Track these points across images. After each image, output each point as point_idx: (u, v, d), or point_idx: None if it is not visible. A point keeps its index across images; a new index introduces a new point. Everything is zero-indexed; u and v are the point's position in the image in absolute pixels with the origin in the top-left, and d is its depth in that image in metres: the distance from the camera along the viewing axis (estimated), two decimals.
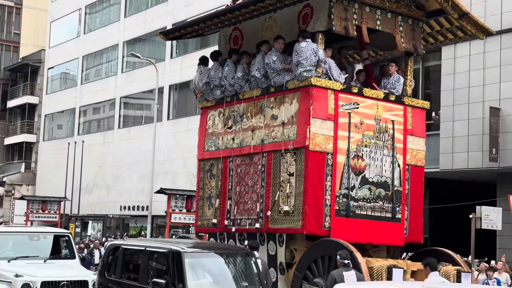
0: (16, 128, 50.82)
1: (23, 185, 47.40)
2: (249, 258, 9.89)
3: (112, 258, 10.48)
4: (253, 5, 10.70)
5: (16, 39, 52.79)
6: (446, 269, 9.85)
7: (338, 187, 10.06)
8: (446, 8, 10.61)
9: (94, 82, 42.77)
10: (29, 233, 13.64)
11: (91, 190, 40.20)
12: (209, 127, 11.82)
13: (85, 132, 43.11)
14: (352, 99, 10.22)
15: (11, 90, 51.52)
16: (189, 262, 9.13)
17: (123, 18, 40.44)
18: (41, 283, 11.65)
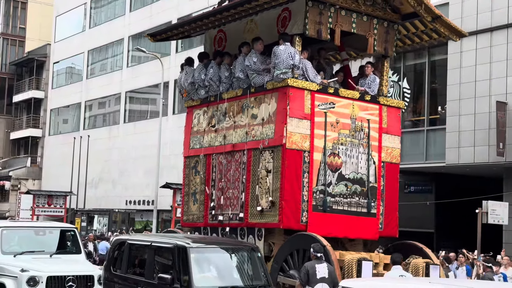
0: (22, 123, 50.91)
1: (29, 180, 47.52)
2: (254, 253, 9.90)
3: (118, 253, 10.51)
4: (233, 9, 11.11)
5: (21, 33, 52.82)
6: (416, 261, 10.27)
7: (315, 184, 10.48)
8: (420, 11, 10.97)
9: (99, 76, 42.79)
10: (35, 228, 13.66)
11: (97, 185, 40.26)
12: (194, 126, 12.26)
13: (91, 126, 43.16)
14: (328, 99, 10.65)
15: (17, 85, 51.59)
16: (194, 257, 9.16)
17: (128, 13, 40.40)
18: (47, 278, 11.69)
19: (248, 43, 11.30)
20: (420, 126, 23.84)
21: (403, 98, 24.06)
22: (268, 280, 9.70)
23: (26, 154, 50.30)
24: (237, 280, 9.46)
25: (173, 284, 9.00)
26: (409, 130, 24.13)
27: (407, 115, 24.41)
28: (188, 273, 8.99)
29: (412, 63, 24.69)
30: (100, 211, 40.48)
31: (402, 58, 24.39)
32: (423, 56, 24.01)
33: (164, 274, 9.16)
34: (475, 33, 21.53)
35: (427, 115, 23.44)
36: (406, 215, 26.16)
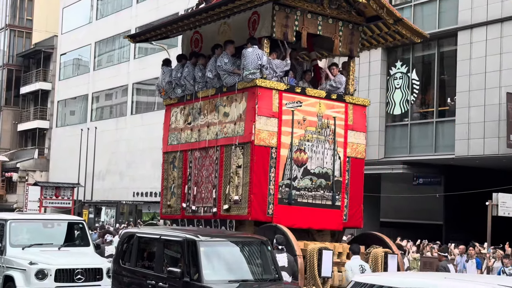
0: (29, 115, 50.98)
1: (37, 171, 47.61)
2: (264, 246, 9.83)
3: (127, 246, 10.44)
4: (206, 12, 11.72)
5: (28, 25, 52.81)
6: (376, 251, 10.83)
7: (281, 178, 11.03)
8: (382, 15, 11.58)
9: (106, 68, 42.75)
10: (43, 221, 13.62)
11: (104, 176, 40.29)
12: (172, 123, 12.78)
13: (98, 118, 43.16)
14: (296, 98, 11.17)
15: (24, 77, 51.63)
16: (204, 251, 9.09)
17: (135, 4, 40.30)
18: (56, 271, 11.66)
19: (220, 45, 11.79)
20: (429, 117, 23.71)
21: (412, 89, 23.93)
22: (278, 273, 9.64)
23: (34, 145, 50.40)
24: (247, 274, 9.39)
25: (182, 277, 8.94)
26: (418, 122, 24.02)
27: (416, 106, 24.29)
28: (198, 266, 8.93)
29: (421, 54, 24.54)
30: (107, 203, 40.53)
31: (411, 49, 24.23)
32: (432, 47, 23.85)
33: (173, 267, 9.10)
34: (485, 23, 21.36)
35: (436, 106, 23.31)
36: (415, 207, 26.19)
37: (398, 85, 24.33)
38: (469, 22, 21.78)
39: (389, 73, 24.61)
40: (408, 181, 24.97)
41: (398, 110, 24.32)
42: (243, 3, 10.95)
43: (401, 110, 24.26)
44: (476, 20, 21.64)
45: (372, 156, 24.46)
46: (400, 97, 24.20)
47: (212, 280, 8.82)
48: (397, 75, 24.36)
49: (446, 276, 5.76)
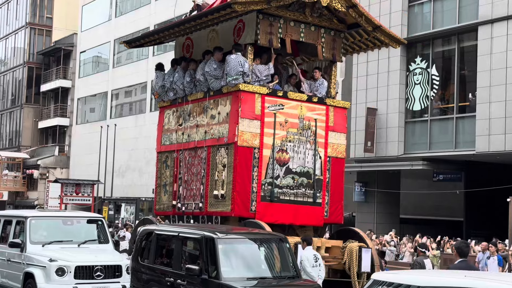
0: (49, 112, 51.33)
1: (57, 168, 47.96)
2: (282, 243, 9.80)
3: (145, 243, 10.46)
4: (194, 21, 12.44)
5: (48, 23, 53.15)
6: (351, 245, 11.45)
7: (264, 177, 11.58)
8: (361, 22, 12.22)
9: (125, 65, 42.93)
10: (63, 218, 13.68)
11: (124, 173, 40.49)
12: (165, 124, 13.43)
13: (117, 115, 43.36)
14: (278, 101, 11.76)
15: (44, 74, 51.99)
16: (222, 248, 9.08)
17: (154, 1, 40.41)
18: (75, 268, 11.71)
19: (209, 51, 12.43)
20: (449, 113, 23.52)
21: (432, 85, 23.75)
22: (296, 271, 9.61)
23: (54, 143, 50.75)
24: (265, 271, 9.37)
25: (200, 275, 8.94)
26: (437, 117, 23.83)
27: (436, 102, 24.10)
28: (216, 264, 8.92)
29: (441, 50, 24.35)
30: (127, 199, 40.74)
31: (430, 44, 24.05)
32: (452, 42, 23.65)
33: (191, 265, 9.10)
34: (506, 18, 21.13)
35: (456, 102, 23.11)
36: (435, 204, 26.04)
37: (417, 80, 24.15)
38: (489, 16, 21.54)
39: (408, 68, 24.44)
40: (428, 178, 24.81)
41: (418, 106, 24.15)
42: (228, 13, 11.54)
43: (420, 106, 24.09)
44: (496, 14, 21.40)
45: (391, 152, 24.33)
46: (420, 93, 24.02)
47: (230, 278, 8.81)
48: (417, 71, 24.18)
49: (466, 274, 5.69)
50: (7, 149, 52.90)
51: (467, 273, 5.81)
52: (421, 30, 24.14)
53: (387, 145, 24.50)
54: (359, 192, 26.00)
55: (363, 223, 25.64)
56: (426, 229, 22.77)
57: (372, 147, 24.77)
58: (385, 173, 25.34)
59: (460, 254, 8.22)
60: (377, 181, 25.65)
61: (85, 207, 32.63)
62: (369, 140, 24.75)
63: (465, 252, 8.27)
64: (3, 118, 55.73)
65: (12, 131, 54.18)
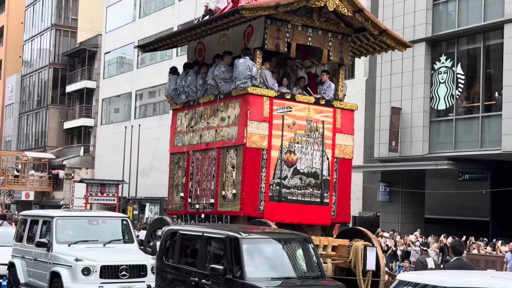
0: (74, 113, 51.78)
1: (82, 168, 48.36)
2: (307, 243, 9.79)
3: (170, 243, 10.51)
4: (205, 26, 12.85)
5: (73, 24, 53.62)
6: (356, 244, 11.68)
7: (272, 177, 11.86)
8: (367, 26, 12.44)
9: (149, 66, 43.15)
10: (88, 217, 13.79)
11: (148, 173, 40.70)
12: (178, 126, 13.75)
13: (141, 115, 43.60)
14: (286, 103, 12.03)
15: (70, 75, 52.46)
16: (246, 248, 9.10)
17: (178, 2, 40.57)
18: (101, 267, 11.80)
19: (219, 55, 12.71)
20: (475, 112, 23.28)
21: (457, 84, 23.54)
22: (321, 271, 9.59)
23: (79, 143, 51.19)
24: (289, 271, 9.37)
25: (225, 274, 8.96)
26: (463, 117, 23.62)
27: (461, 101, 23.88)
28: (240, 263, 8.94)
29: (466, 48, 24.11)
30: (151, 199, 40.95)
31: (456, 43, 23.84)
32: (478, 40, 23.41)
33: (216, 264, 9.13)
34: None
35: (482, 101, 22.87)
36: (460, 204, 25.78)
37: (442, 79, 23.94)
38: None
39: (433, 67, 24.24)
40: (453, 177, 24.58)
41: (443, 105, 23.94)
42: (237, 18, 11.85)
43: (445, 105, 23.88)
44: None
45: (416, 152, 24.16)
46: (445, 91, 23.81)
47: (254, 278, 8.83)
48: (442, 70, 23.98)
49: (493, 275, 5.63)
50: (33, 150, 53.47)
51: (494, 274, 5.76)
52: (446, 29, 23.93)
53: (412, 145, 24.32)
54: (383, 192, 25.85)
55: (388, 223, 25.49)
56: (451, 229, 22.57)
57: (397, 146, 24.61)
58: (409, 172, 25.17)
59: (455, 252, 8.90)
60: (402, 181, 25.48)
61: (110, 207, 32.86)
62: (394, 139, 24.60)
63: (459, 251, 8.95)
64: (29, 119, 56.34)
65: (38, 131, 54.76)
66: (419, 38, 24.14)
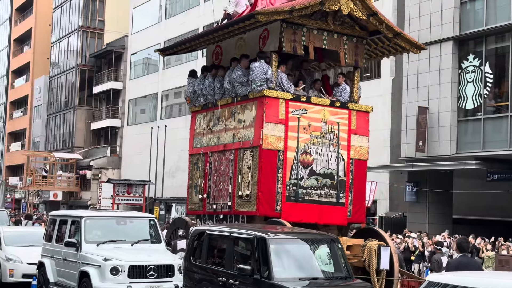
0: (101, 113, 52.21)
1: (109, 169, 48.74)
2: (334, 244, 9.76)
3: (197, 243, 10.55)
4: (221, 30, 13.10)
5: (100, 26, 54.09)
6: (370, 243, 11.79)
7: (288, 178, 12.03)
8: (381, 30, 12.61)
9: (175, 67, 43.35)
10: (116, 218, 13.89)
11: (174, 174, 40.88)
12: (196, 128, 14.02)
13: (167, 116, 43.81)
14: (301, 106, 12.23)
15: (96, 76, 52.91)
16: (274, 248, 9.10)
17: (203, 3, 40.71)
18: (129, 267, 11.87)
19: (236, 58, 12.94)
20: (503, 111, 23.02)
21: (485, 83, 23.29)
22: (349, 271, 9.55)
23: (106, 144, 51.60)
24: (317, 272, 9.35)
25: (253, 275, 8.97)
26: (491, 116, 23.37)
27: (489, 100, 23.63)
28: (268, 264, 8.94)
29: (494, 47, 23.85)
30: (177, 199, 41.13)
31: (483, 42, 23.59)
32: (506, 39, 23.14)
33: (243, 265, 9.13)
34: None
35: (510, 100, 22.60)
36: (489, 204, 25.49)
37: (470, 78, 23.71)
38: None
39: (461, 66, 24.02)
40: (481, 177, 24.32)
41: (471, 104, 23.71)
42: (253, 22, 12.03)
43: (473, 104, 23.64)
44: None
45: (443, 152, 23.96)
46: (473, 91, 23.57)
47: (282, 278, 8.82)
48: (469, 69, 23.74)
49: None
50: (61, 150, 54.02)
51: None
52: (474, 27, 23.69)
53: (439, 144, 24.12)
54: (410, 192, 25.67)
55: (415, 223, 25.32)
56: (480, 229, 22.34)
57: (424, 146, 24.42)
58: (436, 172, 24.96)
59: (460, 249, 9.11)
60: (429, 181, 25.28)
61: (136, 207, 33.07)
62: (421, 139, 24.42)
63: (465, 248, 9.13)
64: (57, 120, 56.95)
65: (65, 132, 55.32)
66: (447, 37, 23.94)
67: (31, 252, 15.38)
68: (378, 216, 28.04)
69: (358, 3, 12.16)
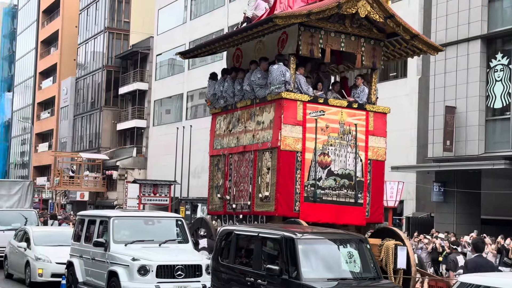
0: (127, 114, 52.55)
1: (135, 169, 49.04)
2: (362, 244, 9.72)
3: (225, 243, 10.57)
4: (240, 34, 13.31)
5: (126, 27, 54.46)
6: (388, 243, 11.90)
7: (306, 179, 12.19)
8: (399, 32, 12.75)
9: (200, 67, 43.47)
10: (144, 218, 13.97)
11: (199, 174, 41.00)
12: (217, 129, 14.28)
13: (192, 116, 43.96)
14: (319, 107, 12.40)
15: (122, 77, 53.28)
16: (302, 249, 9.10)
17: (228, 3, 40.77)
18: (157, 267, 11.94)
19: (255, 61, 13.13)
20: None
21: None
22: (377, 272, 9.51)
23: (132, 144, 51.93)
24: (345, 272, 9.33)
25: (281, 275, 8.97)
26: None
27: None
28: (296, 264, 8.93)
29: None
30: (203, 200, 41.19)
31: None
32: None
33: (271, 265, 9.14)
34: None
35: None
36: None
37: (498, 77, 23.43)
38: None
39: (489, 65, 23.75)
40: (510, 177, 24.03)
41: (499, 104, 23.43)
42: (271, 26, 12.25)
43: (502, 104, 23.35)
44: None
45: (471, 151, 23.71)
46: (501, 90, 23.29)
47: (310, 278, 8.81)
48: (498, 67, 23.46)
49: None
50: (88, 151, 54.49)
51: None
52: (502, 26, 23.41)
53: (467, 144, 23.88)
54: (438, 192, 25.44)
55: (442, 223, 25.09)
56: (508, 230, 22.06)
57: (451, 146, 24.20)
58: (464, 172, 24.71)
59: (476, 249, 9.31)
60: (457, 181, 25.04)
61: (162, 207, 33.23)
62: (448, 139, 24.19)
63: (480, 248, 9.34)
64: (83, 121, 57.46)
65: (92, 133, 55.79)
66: (474, 36, 23.70)
67: (59, 252, 15.55)
68: (405, 217, 27.85)
69: (375, 6, 12.28)
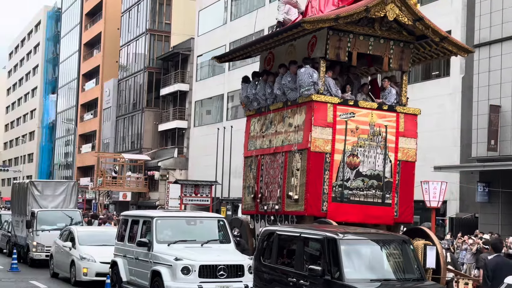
0: (168, 115, 52.99)
1: (176, 170, 49.40)
2: (406, 245, 9.64)
3: (267, 243, 10.60)
4: (271, 38, 13.68)
5: (167, 29, 54.91)
6: (417, 243, 11.80)
7: (334, 179, 12.40)
8: (428, 34, 12.82)
9: (240, 68, 43.52)
10: (186, 218, 14.09)
11: (240, 174, 40.94)
12: (251, 131, 14.49)
13: (233, 117, 44.09)
14: (349, 109, 12.59)
15: (164, 79, 53.73)
16: (345, 249, 9.08)
17: (268, 4, 40.80)
18: (200, 267, 12.03)
19: (284, 65, 13.39)
20: None
21: None
22: (421, 273, 9.42)
23: (173, 145, 52.34)
24: (388, 273, 9.27)
25: (323, 275, 8.96)
26: None
27: None
28: (339, 265, 8.91)
29: None
30: None
31: None
32: None
33: (314, 265, 9.13)
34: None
35: None
36: None
37: None
38: None
39: None
40: None
41: None
42: (301, 30, 12.47)
43: None
44: None
45: None
46: None
47: (353, 279, 8.79)
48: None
49: None
50: (130, 152, 55.12)
51: None
52: None
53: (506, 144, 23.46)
54: (482, 192, 25.05)
55: (487, 224, 24.68)
56: None
57: (496, 145, 23.80)
58: (509, 172, 24.27)
59: (495, 249, 9.43)
60: (501, 181, 24.61)
61: (203, 207, 33.41)
62: (493, 138, 23.80)
63: (499, 248, 9.49)
64: (125, 122, 58.15)
65: (134, 134, 56.41)
66: None
67: (103, 251, 15.78)
68: (448, 217, 27.47)
69: (404, 9, 12.39)
